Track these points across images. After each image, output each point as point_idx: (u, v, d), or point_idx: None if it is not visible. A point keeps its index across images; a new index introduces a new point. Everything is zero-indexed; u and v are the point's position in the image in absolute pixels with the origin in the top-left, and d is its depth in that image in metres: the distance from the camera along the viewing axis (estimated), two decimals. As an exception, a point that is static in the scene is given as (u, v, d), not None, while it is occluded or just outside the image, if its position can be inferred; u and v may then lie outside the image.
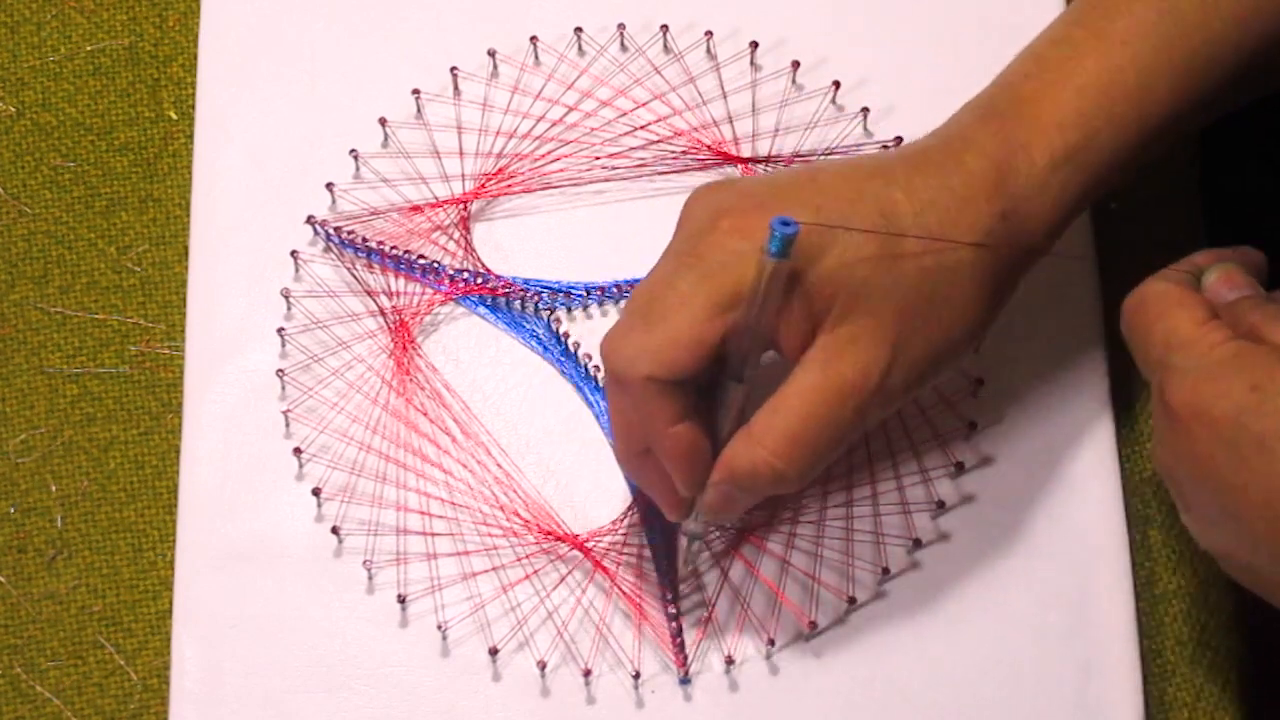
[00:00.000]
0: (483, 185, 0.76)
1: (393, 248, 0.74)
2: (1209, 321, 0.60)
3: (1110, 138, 0.63)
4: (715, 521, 0.68)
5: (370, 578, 0.71)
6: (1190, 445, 0.58)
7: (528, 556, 0.71)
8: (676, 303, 0.61)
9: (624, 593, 0.70)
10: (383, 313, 0.74)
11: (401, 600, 0.70)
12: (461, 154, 0.76)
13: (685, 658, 0.70)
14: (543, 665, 0.69)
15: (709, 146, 0.76)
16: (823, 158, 0.75)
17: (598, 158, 0.76)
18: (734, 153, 0.76)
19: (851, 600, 0.70)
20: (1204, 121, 0.66)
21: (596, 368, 0.73)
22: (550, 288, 0.74)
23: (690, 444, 0.62)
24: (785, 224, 0.57)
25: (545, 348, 0.74)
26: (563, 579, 0.71)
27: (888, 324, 0.61)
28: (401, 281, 0.75)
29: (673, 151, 0.76)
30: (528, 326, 0.74)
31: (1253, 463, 0.57)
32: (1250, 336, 0.59)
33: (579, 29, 0.77)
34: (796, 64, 0.76)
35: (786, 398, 0.61)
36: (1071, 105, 0.63)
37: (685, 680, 0.70)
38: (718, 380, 0.62)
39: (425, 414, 0.73)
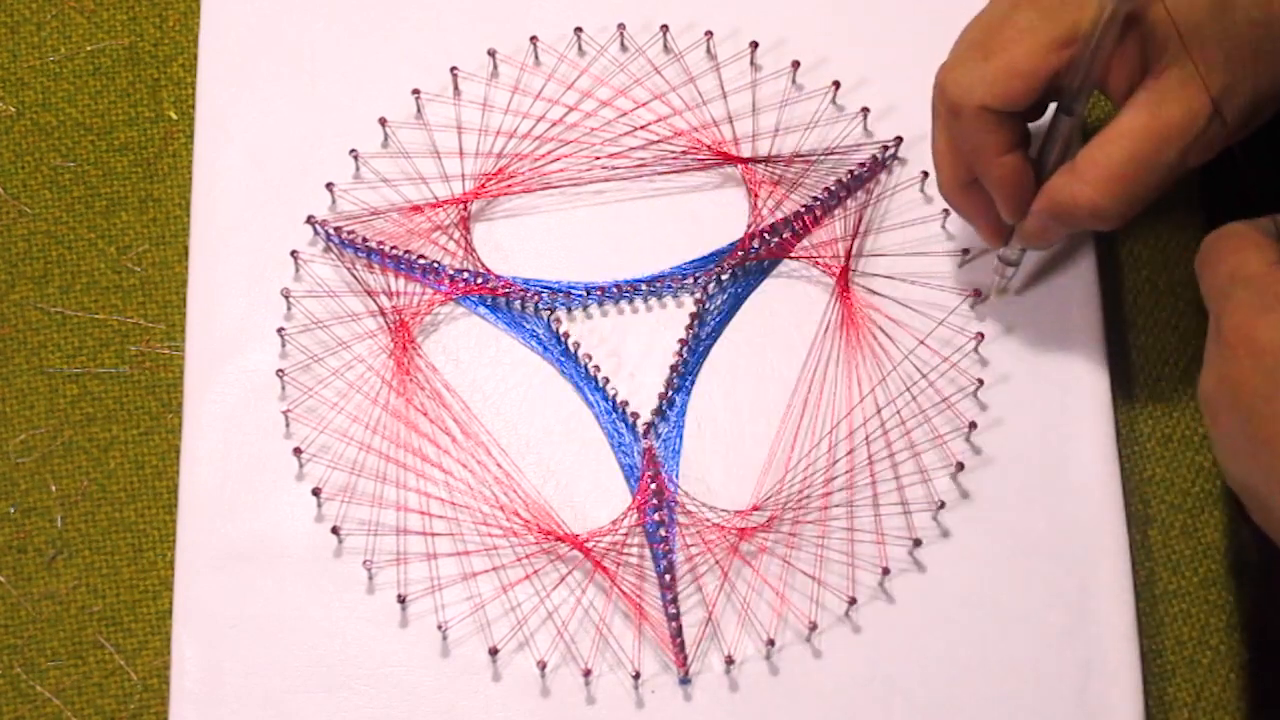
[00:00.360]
0: (483, 185, 0.76)
1: (393, 248, 0.74)
2: (1279, 264, 0.61)
3: None
4: (1032, 248, 0.71)
5: (370, 578, 0.71)
6: (1233, 370, 0.60)
7: (528, 556, 0.71)
8: (1015, 35, 0.63)
9: (624, 593, 0.70)
10: (383, 313, 0.74)
11: (401, 600, 0.70)
12: (461, 154, 0.76)
13: (685, 658, 0.70)
14: (543, 665, 0.69)
15: (709, 146, 0.76)
16: (824, 157, 0.75)
17: (598, 158, 0.76)
18: (734, 153, 0.76)
19: (852, 600, 0.70)
20: None
21: (596, 367, 0.73)
22: (550, 288, 0.74)
23: (1016, 172, 0.66)
24: None
25: (545, 348, 0.74)
26: (563, 579, 0.71)
27: (1218, 71, 0.62)
28: (401, 281, 0.75)
29: (673, 151, 0.76)
30: (528, 326, 0.74)
31: None
32: None
33: (579, 29, 0.77)
34: (796, 64, 0.76)
35: (1112, 137, 0.63)
36: None
37: (685, 680, 0.70)
38: (1045, 114, 0.65)
39: (425, 414, 0.73)
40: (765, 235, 0.74)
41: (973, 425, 0.72)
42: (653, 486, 0.71)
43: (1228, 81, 0.62)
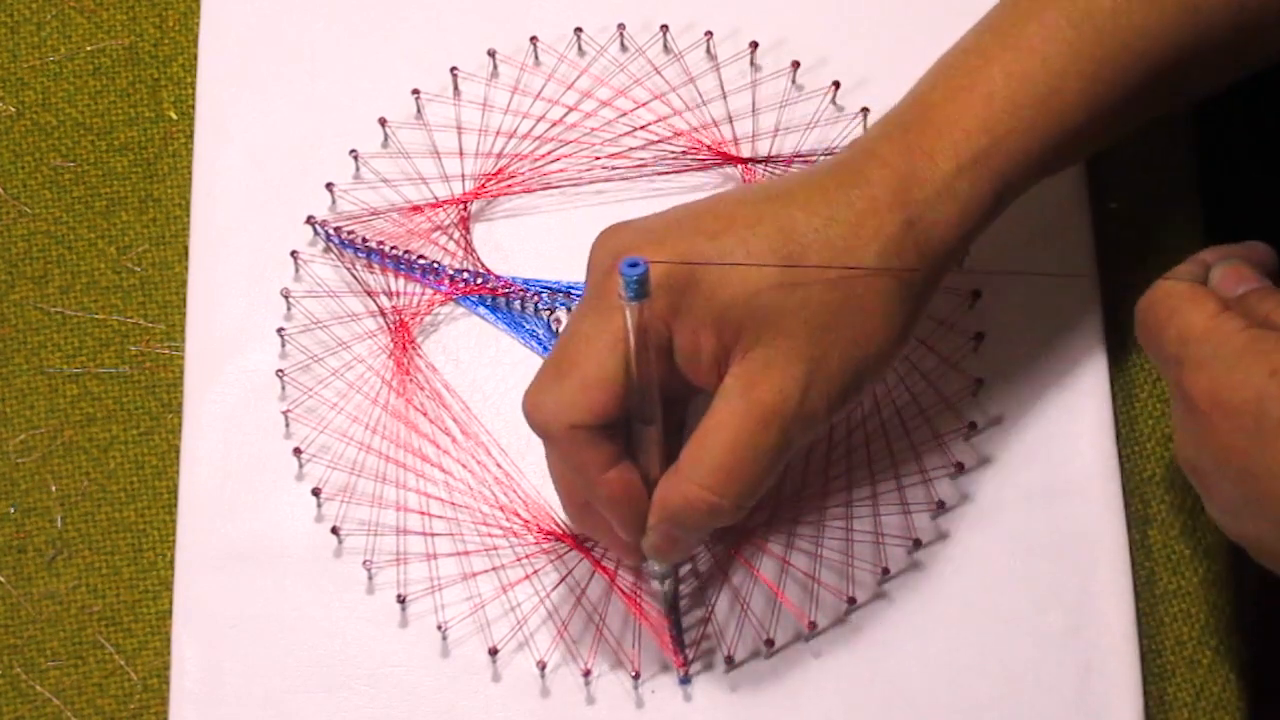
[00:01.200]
0: (483, 185, 0.76)
1: (393, 248, 0.74)
2: (1222, 313, 0.60)
3: (1018, 142, 0.62)
4: (666, 563, 0.67)
5: (370, 578, 0.71)
6: (1212, 435, 0.59)
7: (528, 556, 0.71)
8: (582, 348, 0.61)
9: (624, 593, 0.70)
10: (383, 313, 0.74)
11: (401, 600, 0.70)
12: (461, 154, 0.76)
13: (685, 658, 0.70)
14: (543, 665, 0.69)
15: (709, 146, 0.76)
16: (823, 157, 0.75)
17: (598, 158, 0.76)
18: (734, 153, 0.76)
19: (851, 600, 0.70)
20: (1119, 133, 0.66)
21: (596, 368, 0.73)
22: (550, 288, 0.74)
23: (624, 488, 0.62)
24: (633, 265, 0.55)
25: (545, 348, 0.74)
26: (563, 579, 0.71)
27: (801, 343, 0.60)
28: (401, 281, 0.75)
29: (673, 151, 0.76)
30: (528, 326, 0.74)
31: (1275, 448, 0.57)
32: (1264, 325, 0.60)
33: (579, 29, 0.77)
34: (796, 64, 0.76)
35: (709, 430, 0.61)
36: (978, 110, 0.62)
37: (685, 680, 0.70)
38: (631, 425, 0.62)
39: (425, 414, 0.73)
40: (765, 235, 0.74)
41: (972, 425, 0.72)
42: (652, 487, 0.71)
43: (814, 355, 0.60)
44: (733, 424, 0.60)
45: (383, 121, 0.76)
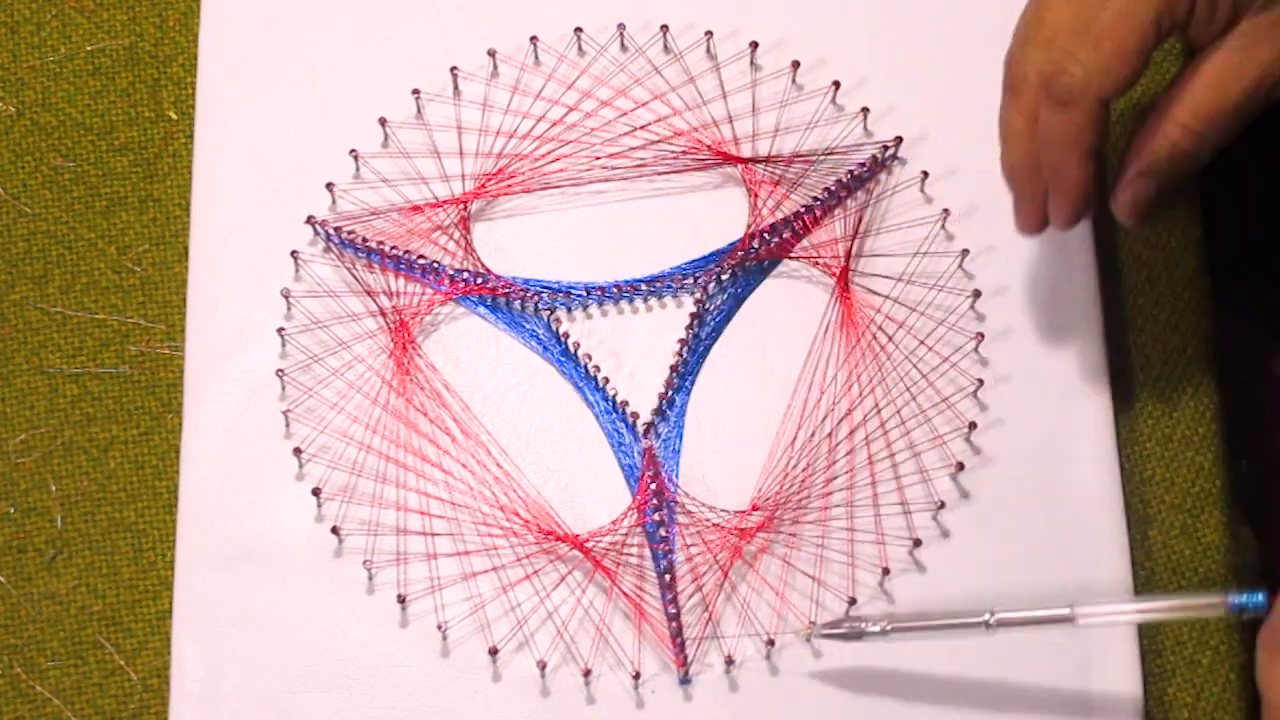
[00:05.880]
0: (483, 185, 0.76)
1: (393, 248, 0.74)
2: None
3: None
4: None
5: (370, 578, 0.71)
6: None
7: (528, 556, 0.71)
8: (1117, 18, 0.61)
9: (624, 593, 0.70)
10: (383, 313, 0.74)
11: (401, 600, 0.70)
12: (461, 154, 0.76)
13: (685, 658, 0.70)
14: (543, 665, 0.69)
15: (709, 146, 0.76)
16: (824, 157, 0.75)
17: (598, 158, 0.76)
18: (734, 153, 0.76)
19: (852, 600, 0.70)
20: None
21: (596, 367, 0.73)
22: (550, 288, 0.74)
23: (1093, 175, 0.64)
24: None
25: (545, 348, 0.74)
26: (563, 579, 0.71)
27: None
28: (401, 281, 0.75)
29: (673, 151, 0.76)
30: (528, 326, 0.74)
31: None
32: None
33: (579, 29, 0.77)
34: (796, 64, 0.76)
35: (1201, 76, 0.63)
36: None
37: (685, 680, 0.70)
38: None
39: (425, 414, 0.73)
40: (765, 235, 0.75)
41: (973, 425, 0.72)
42: (653, 486, 0.72)
43: None
44: (1225, 72, 0.63)
45: (383, 121, 0.76)
